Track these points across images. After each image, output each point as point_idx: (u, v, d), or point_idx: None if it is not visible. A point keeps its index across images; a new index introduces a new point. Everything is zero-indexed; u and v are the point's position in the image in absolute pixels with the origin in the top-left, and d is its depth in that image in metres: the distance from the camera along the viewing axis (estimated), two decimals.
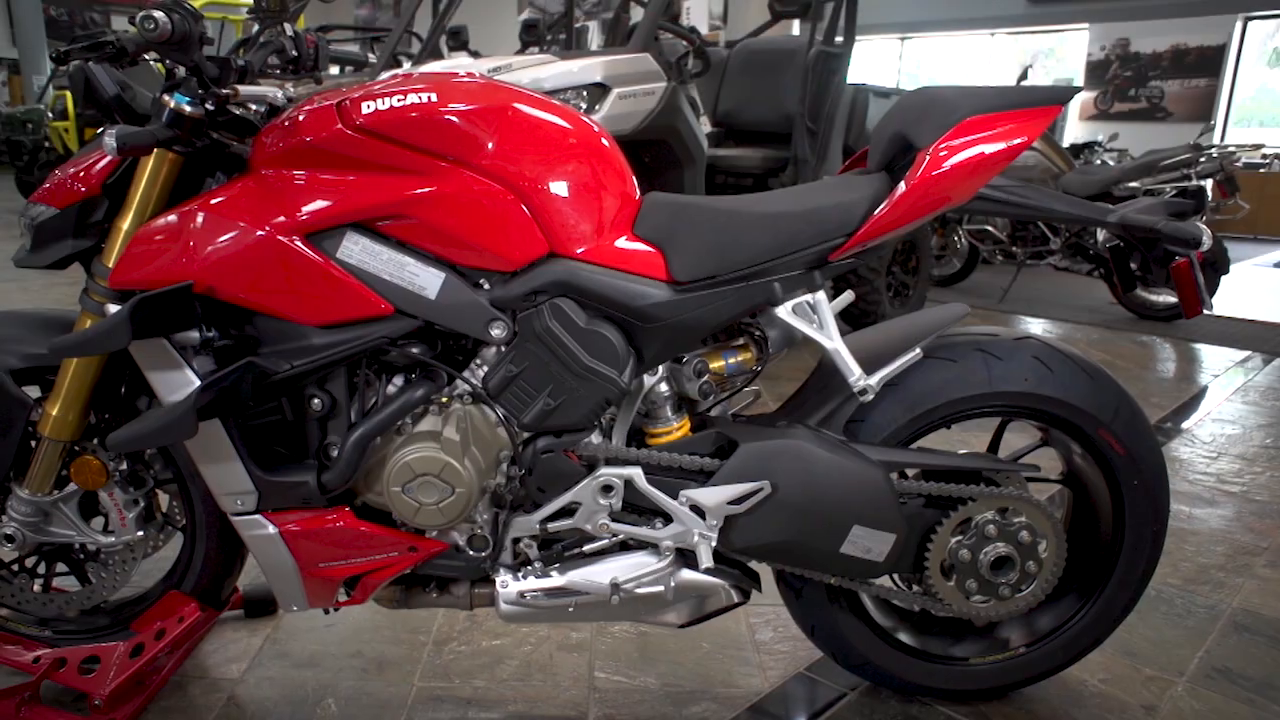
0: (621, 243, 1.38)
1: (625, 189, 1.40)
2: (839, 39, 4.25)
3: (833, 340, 1.40)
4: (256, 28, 1.54)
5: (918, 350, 1.42)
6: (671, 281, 1.37)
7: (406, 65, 4.55)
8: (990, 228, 5.98)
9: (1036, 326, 5.43)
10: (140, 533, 1.54)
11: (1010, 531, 1.50)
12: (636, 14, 5.45)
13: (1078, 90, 1.43)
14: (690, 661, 1.80)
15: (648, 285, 1.36)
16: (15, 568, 1.61)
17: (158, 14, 1.18)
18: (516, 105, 1.32)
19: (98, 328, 1.22)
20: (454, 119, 1.28)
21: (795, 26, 6.78)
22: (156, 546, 1.65)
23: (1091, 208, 1.44)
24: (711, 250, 1.37)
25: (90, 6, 21.53)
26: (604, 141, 1.40)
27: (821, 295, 1.42)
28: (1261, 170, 10.77)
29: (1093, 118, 13.07)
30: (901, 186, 1.33)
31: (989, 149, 1.32)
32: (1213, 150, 5.27)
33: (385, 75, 3.49)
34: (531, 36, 5.83)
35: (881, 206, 1.35)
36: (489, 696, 1.68)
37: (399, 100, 1.27)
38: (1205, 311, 1.41)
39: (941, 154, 1.32)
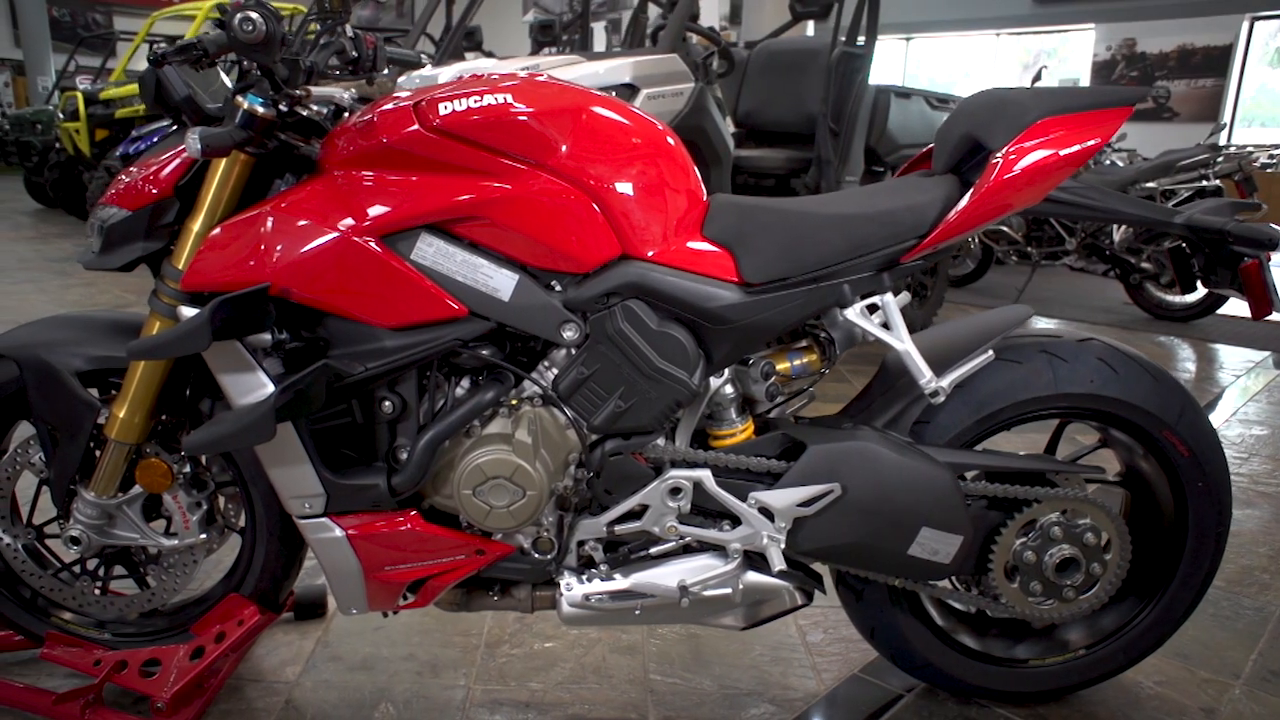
0: (692, 244, 1.37)
1: (693, 190, 1.40)
2: (861, 39, 4.25)
3: (904, 342, 1.40)
4: (317, 29, 1.54)
5: (990, 352, 1.42)
6: (742, 283, 1.37)
7: (427, 67, 4.54)
8: (1005, 228, 5.97)
9: (1051, 326, 5.42)
10: (203, 535, 1.54)
11: (1076, 533, 1.49)
12: (639, 17, 5.44)
13: (1148, 91, 1.43)
14: (744, 664, 1.80)
15: (719, 287, 1.36)
16: (77, 570, 1.61)
17: (254, 15, 1.18)
18: (591, 107, 1.32)
19: (178, 330, 1.22)
20: (531, 121, 1.27)
21: (810, 27, 6.79)
22: (212, 549, 1.64)
23: (1158, 209, 1.44)
24: (783, 252, 1.36)
25: (93, 7, 21.53)
26: (672, 143, 1.39)
27: (890, 297, 1.42)
28: (1269, 170, 10.76)
29: None
30: (977, 188, 1.33)
31: (1064, 151, 1.32)
32: (1230, 150, 5.27)
33: (404, 79, 3.48)
34: (547, 37, 5.83)
35: (956, 208, 1.35)
36: (547, 699, 1.68)
37: (476, 101, 1.26)
38: (1277, 314, 1.41)
39: (1017, 156, 1.32)
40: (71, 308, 5.06)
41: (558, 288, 1.34)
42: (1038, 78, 6.44)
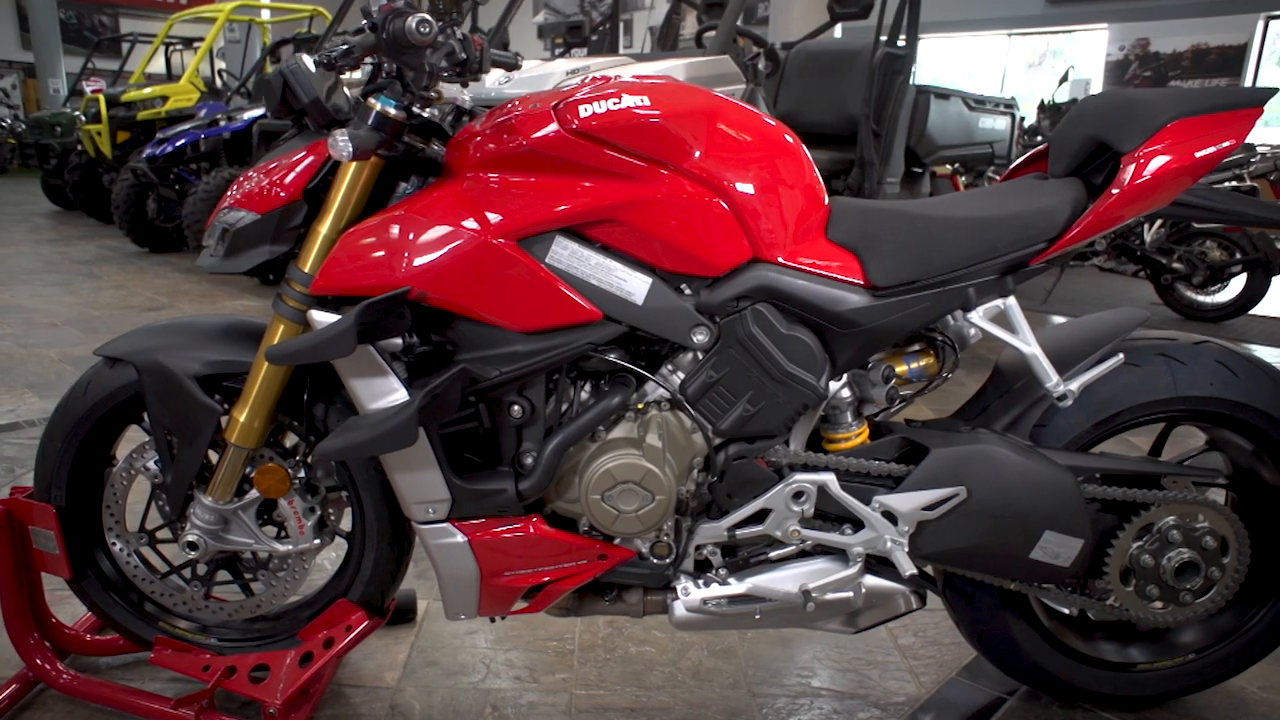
0: (819, 247, 1.37)
1: (817, 193, 1.39)
2: (901, 40, 4.24)
3: (1030, 345, 1.39)
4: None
5: (1119, 356, 1.41)
6: (869, 286, 1.36)
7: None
8: None
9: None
10: (317, 540, 1.53)
11: (1195, 537, 1.48)
12: (671, 18, 5.43)
13: (1276, 91, 1.42)
14: (841, 667, 1.79)
15: (847, 290, 1.35)
16: (188, 575, 1.60)
17: (429, 17, 1.17)
18: (724, 110, 1.32)
19: (322, 334, 1.21)
20: (668, 124, 1.27)
21: (837, 29, 6.78)
22: (317, 554, 1.64)
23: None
24: (912, 255, 1.36)
25: (100, 9, 21.57)
26: (793, 144, 1.39)
27: (1013, 300, 1.41)
28: None
29: None
30: (1113, 191, 1.32)
31: (1199, 153, 1.31)
32: (1265, 150, 5.26)
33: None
34: (575, 38, 5.83)
35: (1089, 211, 1.34)
36: (651, 704, 1.67)
37: (615, 104, 1.26)
38: None
39: (1152, 158, 1.31)
40: (105, 309, 5.05)
41: (687, 291, 1.34)
42: (1065, 78, 6.43)
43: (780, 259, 1.34)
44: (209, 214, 6.09)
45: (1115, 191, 1.32)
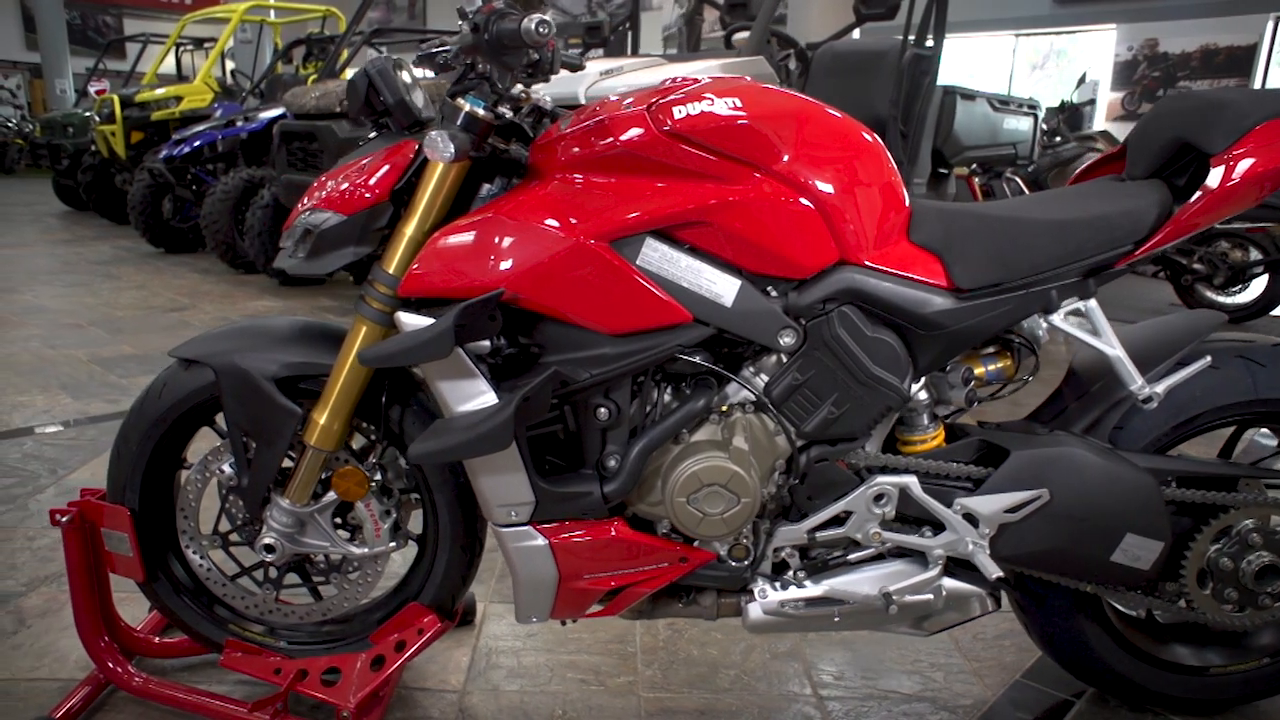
0: (903, 249, 1.36)
1: (899, 196, 1.39)
2: (928, 41, 4.23)
3: (1115, 348, 1.39)
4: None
5: (1206, 358, 1.40)
6: (953, 288, 1.36)
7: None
8: None
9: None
10: (391, 543, 1.53)
11: (1275, 539, 1.48)
12: (694, 19, 5.43)
13: None
14: (905, 669, 1.79)
15: (931, 293, 1.35)
16: (259, 578, 1.59)
17: (549, 18, 1.16)
18: (811, 112, 1.31)
19: (419, 337, 1.21)
20: (760, 126, 1.26)
21: (855, 32, 6.77)
22: (388, 558, 1.63)
23: None
24: (996, 258, 1.35)
25: (104, 10, 21.58)
26: (875, 145, 1.38)
27: (1094, 302, 1.41)
28: None
29: (1120, 118, 13.03)
30: (1201, 194, 1.31)
31: None
32: None
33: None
34: (594, 39, 5.82)
35: (1176, 214, 1.33)
36: (718, 707, 1.66)
37: (708, 106, 1.25)
38: None
39: (1241, 160, 1.31)
40: (128, 310, 5.05)
41: (773, 293, 1.33)
42: (1082, 80, 6.42)
43: (866, 261, 1.34)
44: (227, 214, 6.09)
45: (1203, 194, 1.32)
